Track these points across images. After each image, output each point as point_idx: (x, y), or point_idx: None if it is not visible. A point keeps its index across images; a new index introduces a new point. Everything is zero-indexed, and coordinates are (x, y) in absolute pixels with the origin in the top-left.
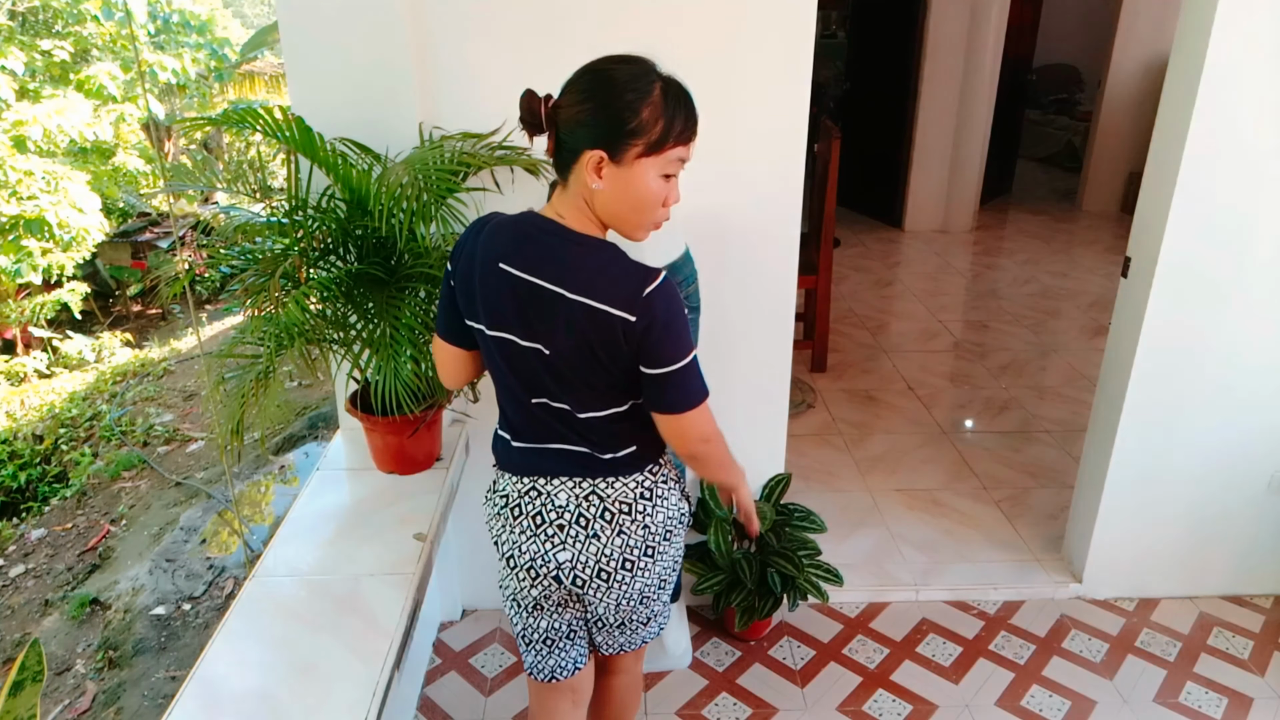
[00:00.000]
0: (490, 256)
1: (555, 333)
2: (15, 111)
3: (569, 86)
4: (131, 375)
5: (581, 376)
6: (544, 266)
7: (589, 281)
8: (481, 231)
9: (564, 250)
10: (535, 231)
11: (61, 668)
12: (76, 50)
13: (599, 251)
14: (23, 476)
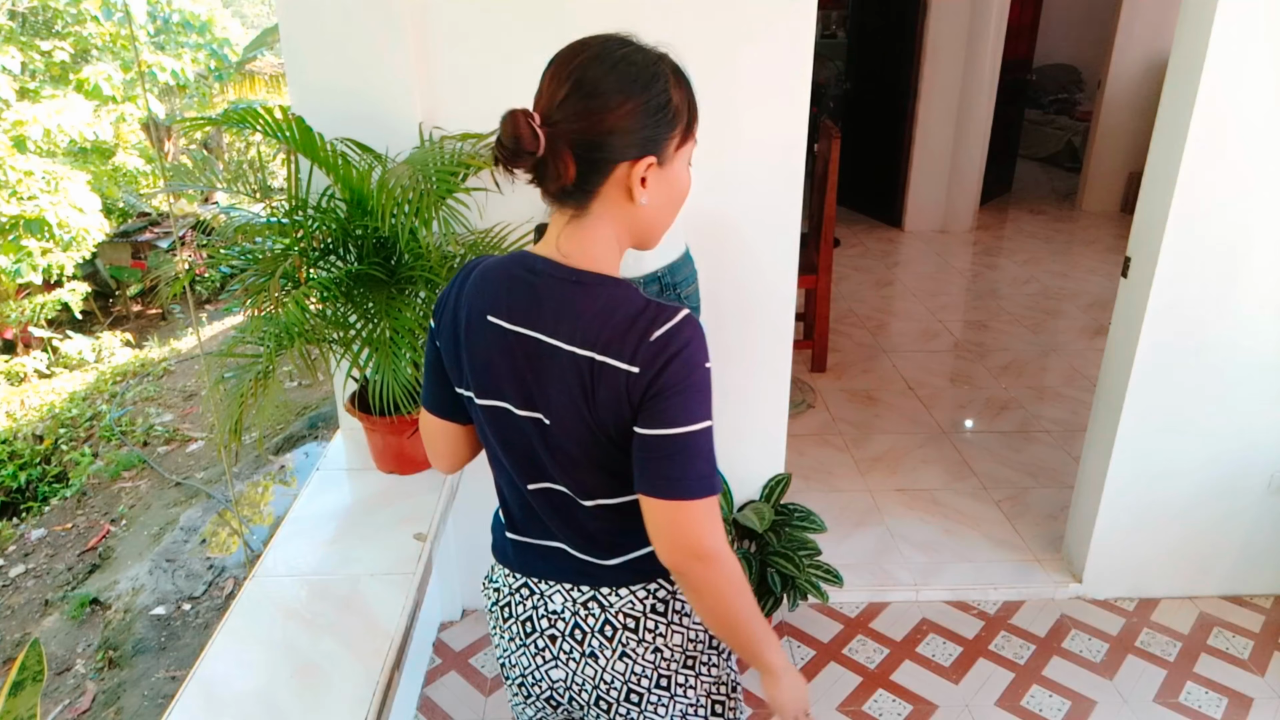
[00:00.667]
0: (477, 309)
1: (555, 397)
2: (15, 111)
3: (576, 89)
4: (131, 375)
5: (588, 452)
6: (540, 316)
7: (592, 330)
8: (467, 280)
9: (564, 295)
10: (529, 275)
11: (61, 668)
12: (76, 50)
13: (606, 291)
14: (23, 476)
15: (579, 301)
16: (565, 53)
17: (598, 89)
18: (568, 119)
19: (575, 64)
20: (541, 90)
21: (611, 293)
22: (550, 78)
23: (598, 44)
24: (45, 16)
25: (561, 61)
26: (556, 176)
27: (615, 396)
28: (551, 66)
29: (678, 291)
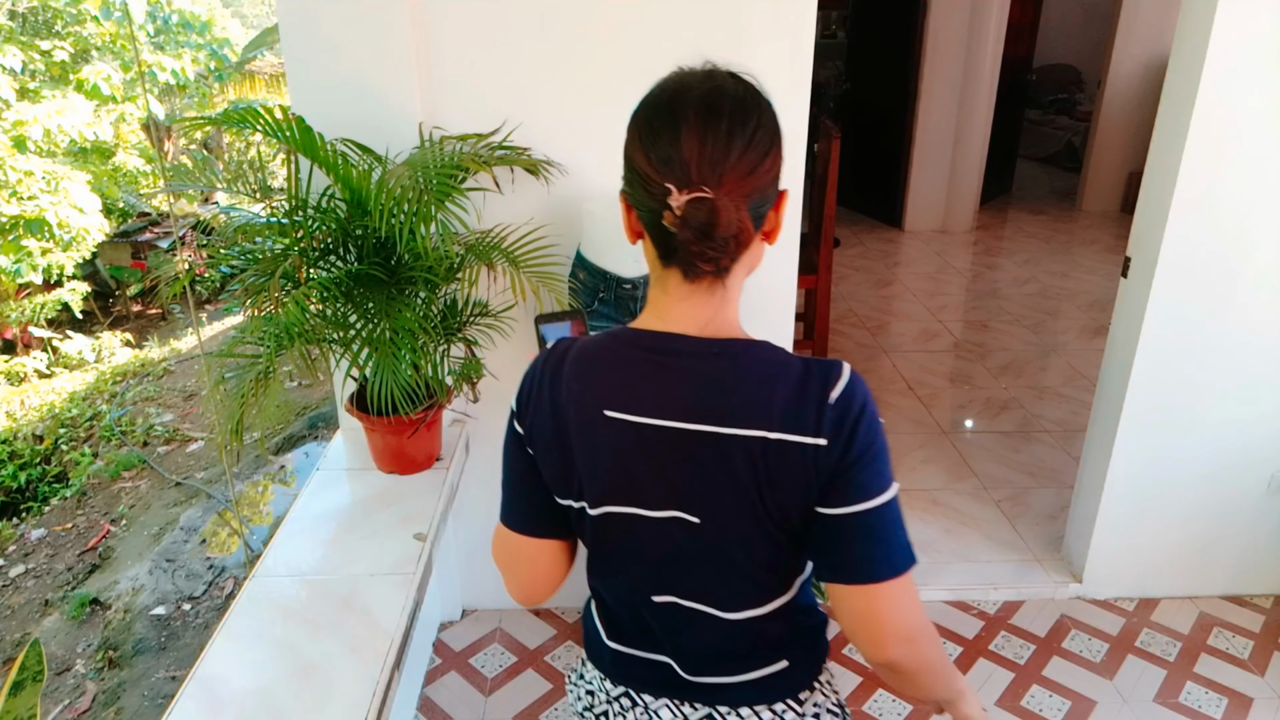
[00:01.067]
0: (588, 405)
1: (711, 492)
2: (15, 111)
3: (742, 145)
4: (131, 375)
5: (751, 552)
6: (683, 402)
7: (757, 406)
8: (559, 372)
9: (710, 373)
10: (656, 356)
11: (61, 668)
12: (76, 50)
13: (756, 357)
14: (23, 476)
15: (732, 377)
16: (694, 106)
17: (758, 140)
18: (743, 180)
19: (725, 117)
20: (684, 154)
21: (762, 358)
22: (701, 138)
23: (711, 85)
24: (45, 16)
25: (704, 118)
26: (736, 249)
27: (799, 477)
28: (689, 125)
29: None
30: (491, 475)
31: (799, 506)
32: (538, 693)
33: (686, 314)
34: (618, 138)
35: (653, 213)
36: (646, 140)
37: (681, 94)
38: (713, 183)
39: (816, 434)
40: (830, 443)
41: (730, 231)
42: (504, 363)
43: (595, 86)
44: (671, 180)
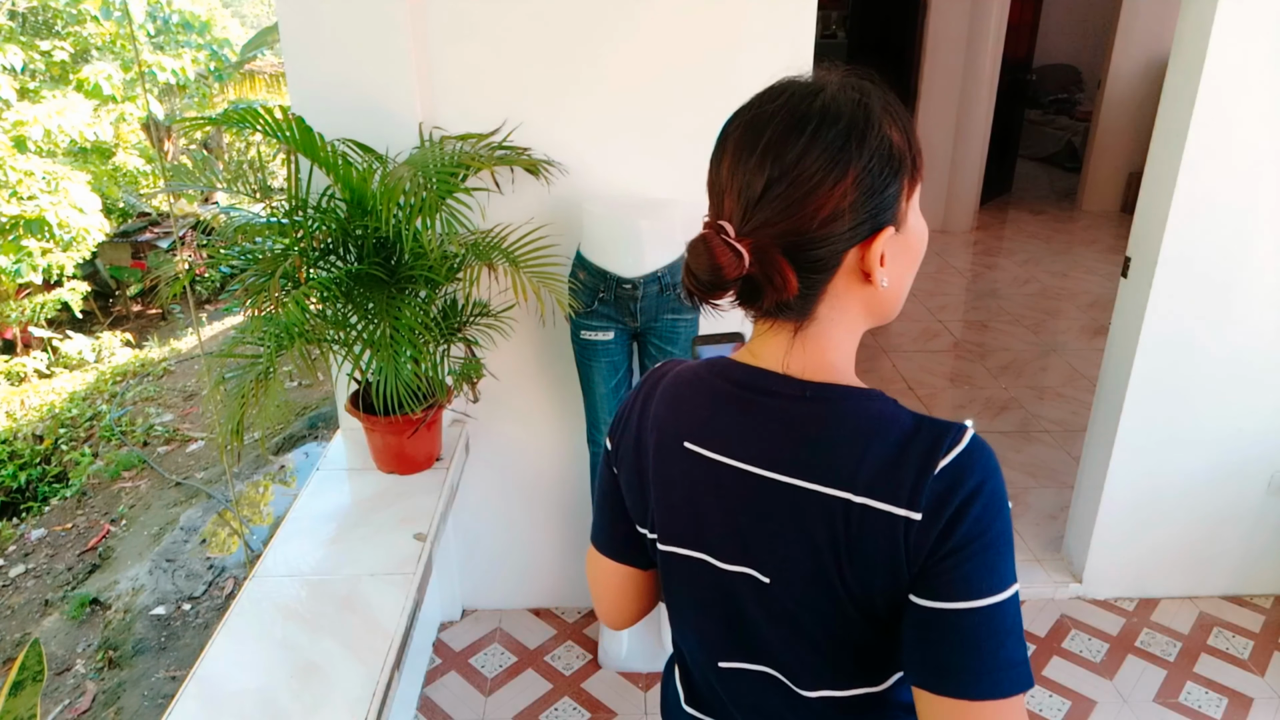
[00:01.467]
0: (670, 431)
1: (785, 551)
2: (15, 111)
3: (777, 177)
4: (131, 375)
5: (826, 625)
6: (764, 445)
7: (846, 462)
8: (652, 395)
9: (798, 417)
10: (743, 391)
11: (61, 668)
12: (76, 50)
13: (856, 407)
14: (23, 476)
15: (821, 425)
16: (742, 126)
17: (803, 170)
18: (773, 219)
19: (763, 142)
20: (723, 183)
21: (863, 409)
22: (733, 166)
23: (777, 103)
24: (45, 16)
25: (742, 141)
26: (774, 291)
27: (885, 553)
28: (729, 149)
29: (677, 291)
30: (491, 475)
31: (884, 588)
32: (538, 693)
33: (771, 351)
34: (618, 138)
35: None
36: (713, 163)
37: (745, 110)
38: (744, 219)
39: (910, 506)
40: (926, 520)
41: (729, 276)
42: (504, 363)
43: (595, 86)
44: (713, 212)
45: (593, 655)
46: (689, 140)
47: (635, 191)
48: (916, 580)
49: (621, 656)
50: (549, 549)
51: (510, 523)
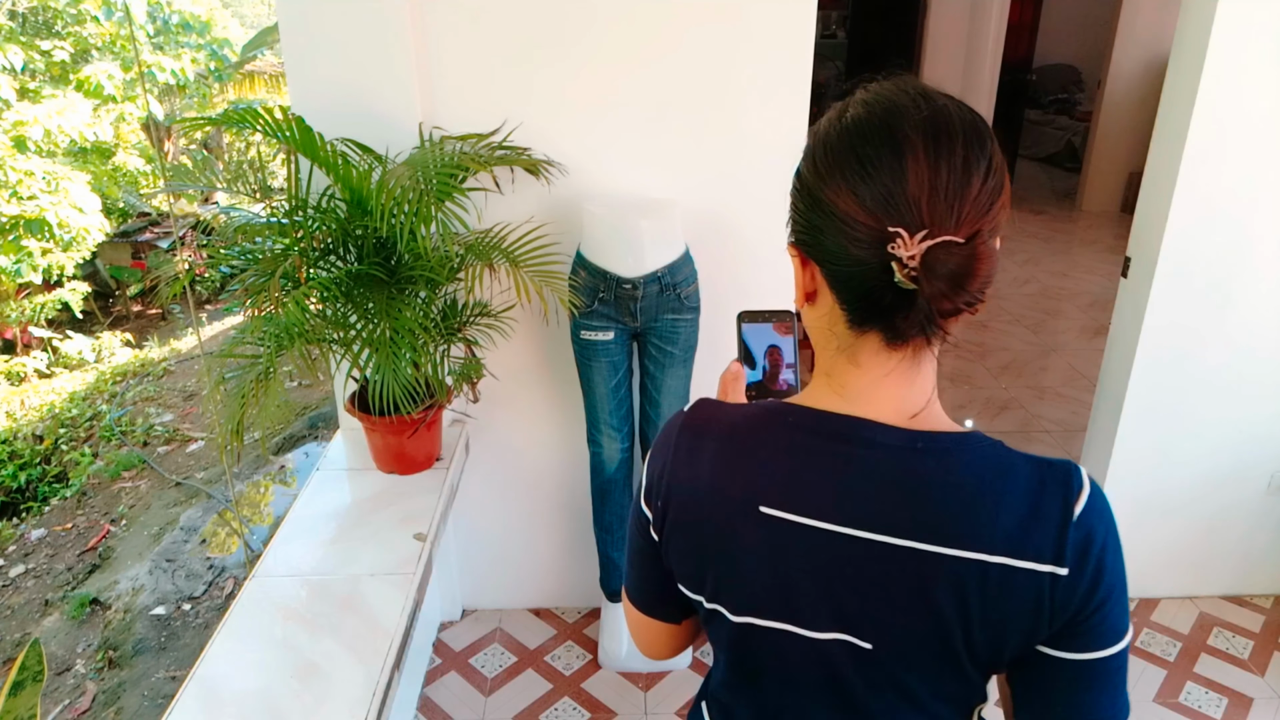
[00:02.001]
0: (739, 497)
1: (897, 618)
2: (15, 111)
3: (984, 171)
4: (131, 375)
5: (936, 686)
6: (874, 504)
7: (973, 518)
8: (699, 449)
9: (908, 471)
10: (837, 444)
11: (61, 668)
12: (76, 50)
13: (973, 456)
14: (23, 476)
15: (942, 480)
16: (921, 130)
17: (990, 166)
18: (976, 219)
19: (953, 138)
20: (914, 193)
21: (982, 458)
22: (929, 168)
23: (926, 106)
24: (45, 16)
25: (932, 141)
26: (953, 301)
27: (1027, 614)
28: (912, 151)
29: (677, 291)
30: (491, 475)
31: (1016, 645)
32: (538, 693)
33: (887, 395)
34: (618, 137)
35: (860, 266)
36: (852, 173)
37: (896, 115)
38: (949, 224)
39: (1056, 561)
40: (1073, 574)
41: (989, 282)
42: (504, 363)
43: (595, 86)
44: (897, 223)
45: (593, 655)
46: (689, 140)
47: (635, 191)
48: (1059, 635)
49: (621, 656)
50: (549, 549)
51: (510, 523)
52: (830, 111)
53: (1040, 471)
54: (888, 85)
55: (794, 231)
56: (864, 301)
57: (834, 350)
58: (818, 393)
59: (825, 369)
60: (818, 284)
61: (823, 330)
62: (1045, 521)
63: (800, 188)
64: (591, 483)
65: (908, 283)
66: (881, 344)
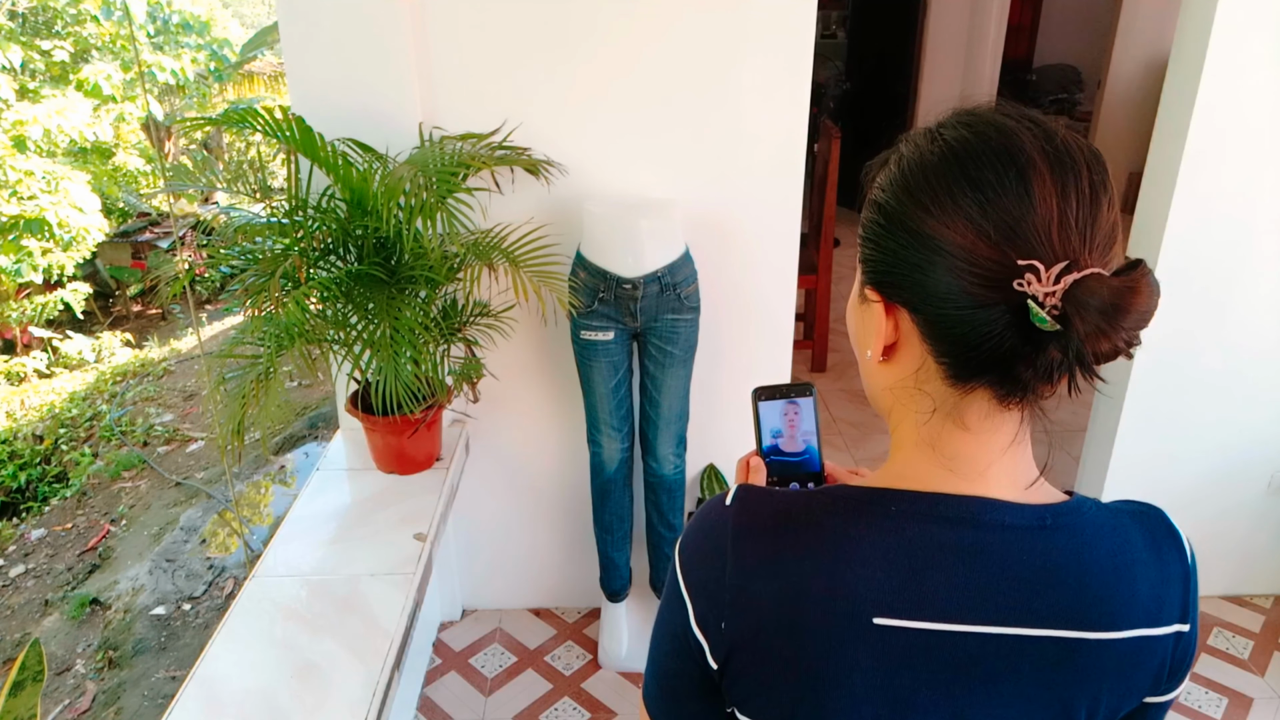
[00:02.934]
0: (844, 606)
1: (1018, 710)
2: (15, 111)
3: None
4: (131, 375)
5: None
6: (1006, 595)
7: (1119, 595)
8: (767, 549)
9: (1042, 552)
10: (955, 531)
11: (61, 668)
12: (76, 50)
13: (1092, 524)
14: (23, 476)
15: (1076, 557)
16: (1040, 151)
17: (1112, 192)
18: (1105, 249)
19: (1077, 162)
20: (1042, 221)
21: (1099, 525)
22: (1058, 193)
23: (1034, 126)
24: (45, 17)
25: (1056, 165)
26: (1130, 341)
27: (1152, 675)
28: (1038, 176)
29: (677, 291)
30: (491, 475)
31: (1130, 707)
32: (538, 692)
33: (1008, 464)
34: (618, 137)
35: (977, 308)
36: (966, 200)
37: (1010, 136)
38: (1084, 255)
39: (1182, 619)
40: (1191, 625)
41: (1148, 319)
42: (504, 363)
43: (595, 86)
44: (1028, 255)
45: (593, 655)
46: (689, 140)
47: (635, 191)
48: (1166, 683)
49: (621, 656)
50: (549, 549)
51: (510, 523)
52: (914, 136)
53: (1146, 527)
54: (982, 108)
55: (876, 272)
56: (975, 350)
57: (929, 414)
58: (919, 469)
59: (925, 438)
60: (902, 334)
61: (909, 390)
62: (1172, 583)
63: (885, 221)
64: (591, 483)
65: (1052, 323)
66: (992, 401)
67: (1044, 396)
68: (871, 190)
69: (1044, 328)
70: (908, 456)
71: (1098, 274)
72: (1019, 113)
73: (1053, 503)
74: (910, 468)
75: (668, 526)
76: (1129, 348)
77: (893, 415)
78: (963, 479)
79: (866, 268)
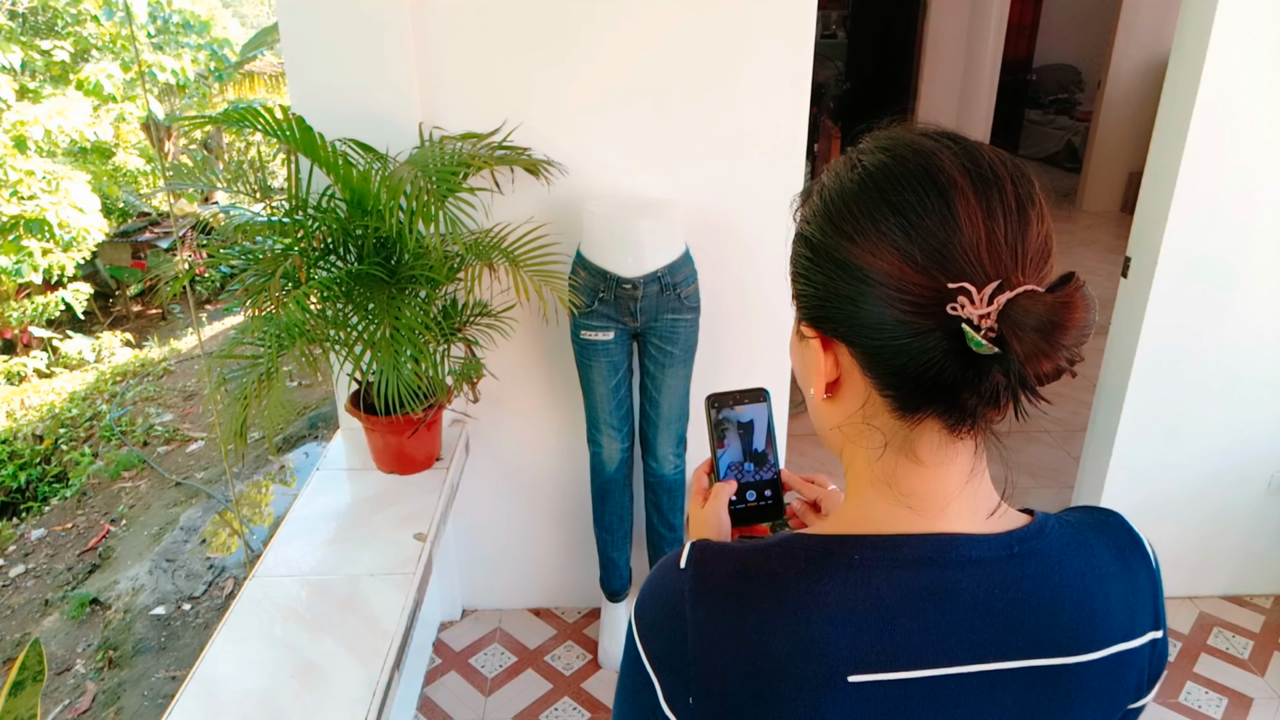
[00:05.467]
0: (815, 667)
1: None
2: (16, 111)
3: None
4: (131, 375)
5: None
6: (982, 632)
7: (1094, 615)
8: (727, 614)
9: (1013, 583)
10: (923, 573)
11: (61, 668)
12: (77, 50)
13: (1057, 544)
14: (23, 476)
15: (1048, 585)
16: (959, 169)
17: (1042, 205)
18: (1041, 265)
19: (1000, 176)
20: (969, 241)
21: (1064, 545)
22: (982, 212)
23: (954, 144)
24: (45, 16)
25: (978, 182)
26: (1072, 359)
27: (1132, 686)
28: (960, 195)
29: (677, 291)
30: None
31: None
32: (538, 693)
33: (966, 499)
34: (618, 138)
35: (913, 337)
36: (889, 227)
37: (928, 156)
38: (1015, 273)
39: (1155, 625)
40: (1162, 629)
41: (1088, 334)
42: (504, 363)
43: (595, 86)
44: (957, 277)
45: (593, 655)
46: (689, 140)
47: (635, 191)
48: (1145, 689)
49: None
50: (549, 549)
51: (510, 523)
52: (834, 165)
53: (1109, 537)
54: (898, 130)
55: (810, 308)
56: (917, 380)
57: (881, 449)
58: (878, 509)
59: (880, 476)
60: (843, 369)
61: (857, 427)
62: (1141, 593)
63: (812, 254)
64: (591, 483)
65: (989, 346)
66: (943, 432)
67: (994, 422)
68: (797, 224)
69: (981, 351)
70: (865, 497)
71: (1032, 291)
72: (939, 133)
73: (1016, 528)
74: (869, 509)
75: (668, 526)
76: (1071, 365)
77: (845, 454)
78: (923, 516)
79: (800, 304)
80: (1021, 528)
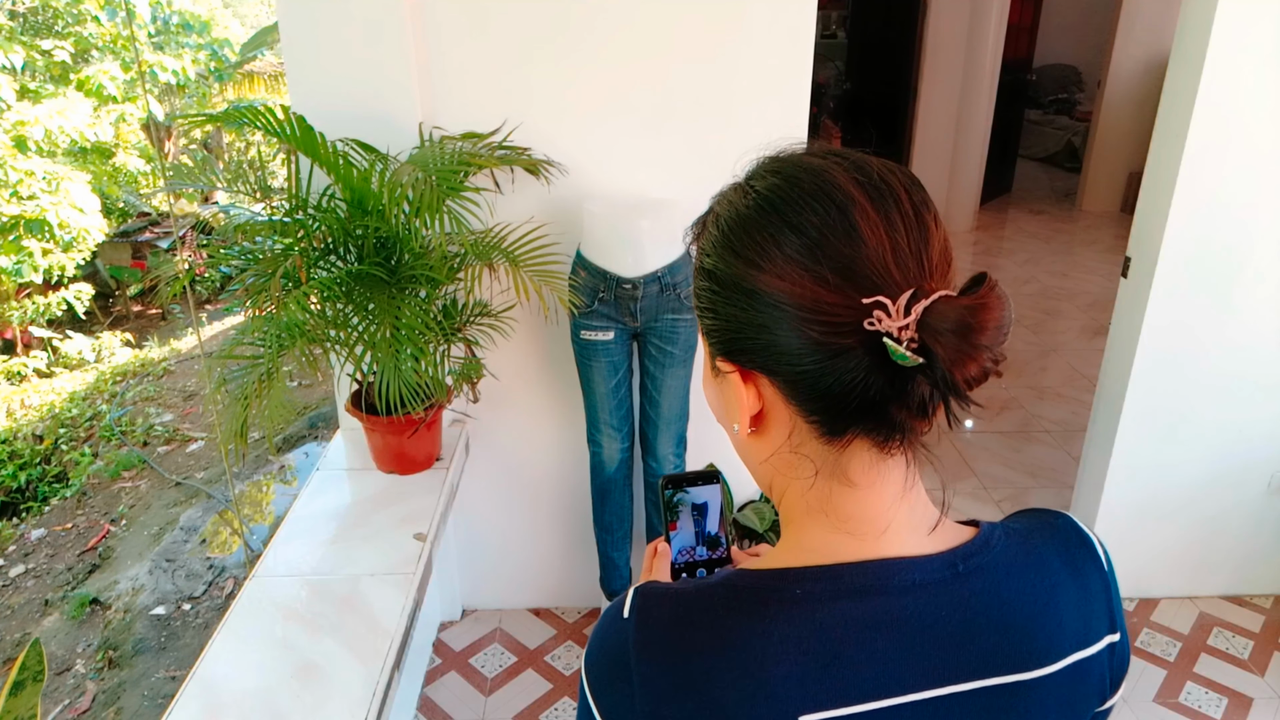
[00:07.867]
0: (763, 711)
1: None
2: (16, 112)
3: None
4: (131, 375)
5: None
6: (934, 658)
7: (1046, 628)
8: (673, 669)
9: (962, 603)
10: (870, 601)
11: (61, 668)
12: (77, 50)
13: (1003, 556)
14: (23, 476)
15: (996, 601)
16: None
17: (935, 211)
18: (946, 269)
19: (893, 186)
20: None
21: (1010, 557)
22: (884, 223)
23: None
24: (45, 16)
25: (873, 193)
26: (996, 359)
27: (1095, 692)
28: (858, 209)
29: (677, 291)
30: (491, 475)
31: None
32: (538, 693)
33: (904, 517)
34: (618, 138)
35: (832, 358)
36: (793, 249)
37: (819, 174)
38: (924, 279)
39: (1112, 628)
40: (1120, 632)
41: (1006, 331)
42: (504, 363)
43: (595, 86)
44: (870, 291)
45: None
46: (689, 140)
47: (635, 191)
48: (1109, 692)
49: None
50: (549, 549)
51: (510, 523)
52: (724, 193)
53: (1058, 543)
54: (786, 152)
55: (723, 342)
56: (842, 402)
57: (812, 477)
58: (816, 539)
59: (814, 505)
60: (765, 400)
61: (785, 458)
62: (1094, 598)
63: (718, 286)
64: (591, 483)
65: (913, 357)
66: (873, 451)
67: (923, 433)
68: (697, 257)
69: (906, 364)
70: (802, 528)
71: (946, 295)
72: (824, 150)
73: (960, 544)
74: (807, 539)
75: None
76: (996, 366)
77: (775, 487)
78: (863, 541)
79: (711, 339)
80: (965, 543)
